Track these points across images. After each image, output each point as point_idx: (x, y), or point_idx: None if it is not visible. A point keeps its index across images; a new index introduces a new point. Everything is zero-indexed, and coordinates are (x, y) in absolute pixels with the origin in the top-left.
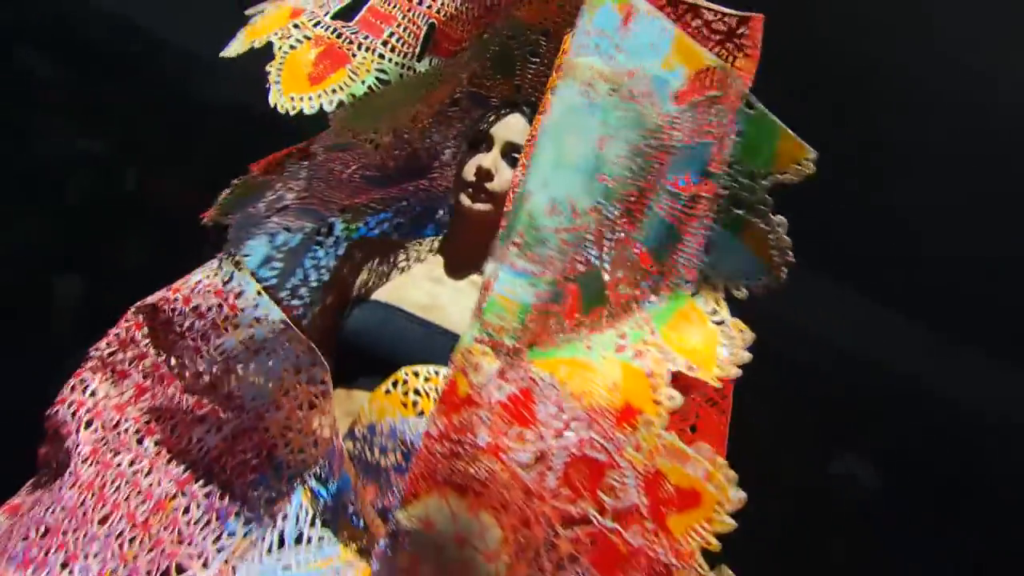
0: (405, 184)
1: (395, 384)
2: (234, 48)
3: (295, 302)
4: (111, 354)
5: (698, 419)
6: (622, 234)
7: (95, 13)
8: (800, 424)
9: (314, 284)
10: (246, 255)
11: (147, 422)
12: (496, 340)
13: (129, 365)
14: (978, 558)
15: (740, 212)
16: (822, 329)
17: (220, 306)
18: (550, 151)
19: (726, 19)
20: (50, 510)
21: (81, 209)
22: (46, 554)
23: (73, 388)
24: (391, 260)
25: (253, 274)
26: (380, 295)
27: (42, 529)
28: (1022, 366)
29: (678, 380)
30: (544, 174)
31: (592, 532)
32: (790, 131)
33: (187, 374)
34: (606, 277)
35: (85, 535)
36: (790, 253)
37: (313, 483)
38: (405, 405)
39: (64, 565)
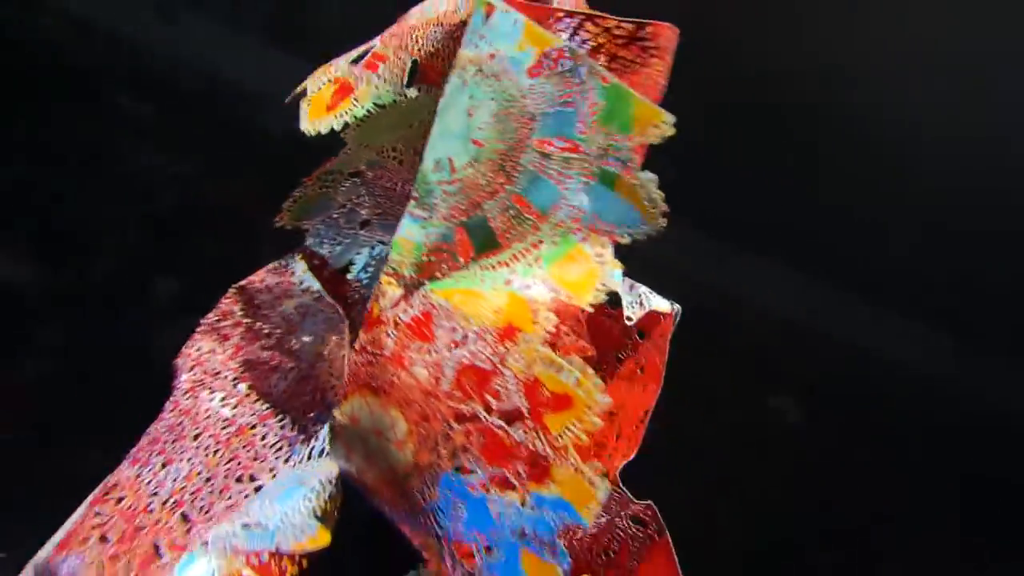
0: None
1: None
2: (294, 94)
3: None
4: (216, 322)
5: (646, 362)
6: (500, 187)
7: (177, 62)
8: (739, 371)
9: None
10: (352, 263)
11: (242, 371)
12: (398, 272)
13: (229, 330)
14: (886, 478)
15: (611, 169)
16: (754, 295)
17: (280, 282)
18: (438, 126)
19: (623, 25)
20: (157, 426)
21: (168, 217)
22: (150, 456)
23: (188, 346)
24: None
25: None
26: None
27: (150, 438)
28: (932, 324)
29: (639, 327)
30: (433, 143)
31: (481, 427)
32: (643, 99)
33: (263, 334)
34: (492, 224)
35: (181, 446)
36: (662, 204)
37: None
38: None
39: (163, 465)
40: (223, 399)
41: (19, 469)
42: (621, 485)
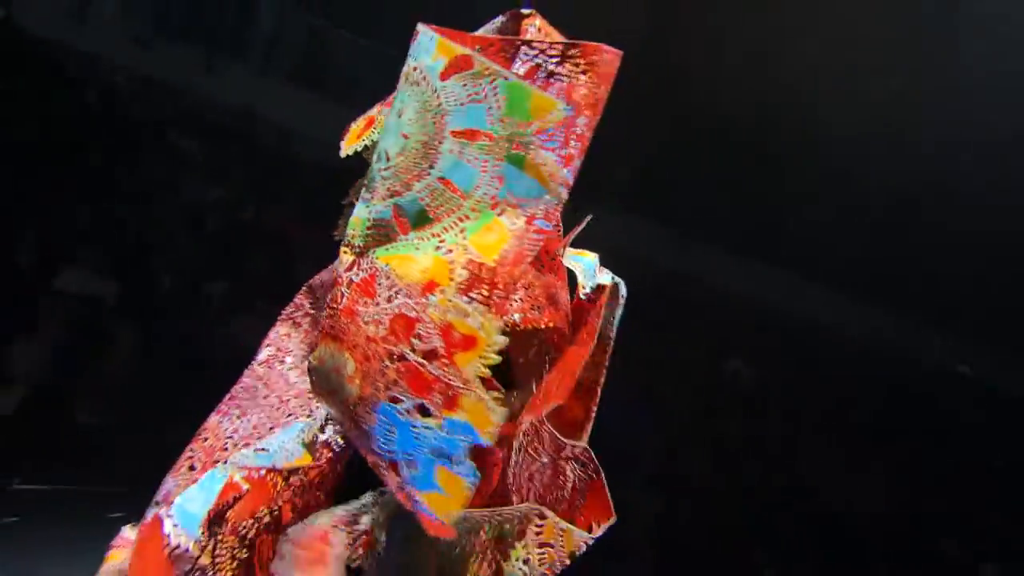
0: None
1: None
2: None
3: None
4: (292, 312)
5: (588, 325)
6: (426, 171)
7: (220, 105)
8: (700, 341)
9: None
10: None
11: (308, 351)
12: (351, 243)
13: (301, 319)
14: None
15: (518, 152)
16: (712, 278)
17: (331, 278)
18: (383, 127)
19: (555, 46)
20: (237, 387)
21: (216, 233)
22: (230, 408)
23: (271, 330)
24: None
25: None
26: None
27: (231, 395)
28: (860, 298)
29: (590, 303)
30: (379, 141)
31: (408, 364)
32: (540, 90)
33: (321, 319)
34: (422, 201)
35: (255, 402)
36: (561, 178)
37: None
38: None
39: (239, 416)
40: (291, 369)
41: (109, 445)
42: (553, 430)
